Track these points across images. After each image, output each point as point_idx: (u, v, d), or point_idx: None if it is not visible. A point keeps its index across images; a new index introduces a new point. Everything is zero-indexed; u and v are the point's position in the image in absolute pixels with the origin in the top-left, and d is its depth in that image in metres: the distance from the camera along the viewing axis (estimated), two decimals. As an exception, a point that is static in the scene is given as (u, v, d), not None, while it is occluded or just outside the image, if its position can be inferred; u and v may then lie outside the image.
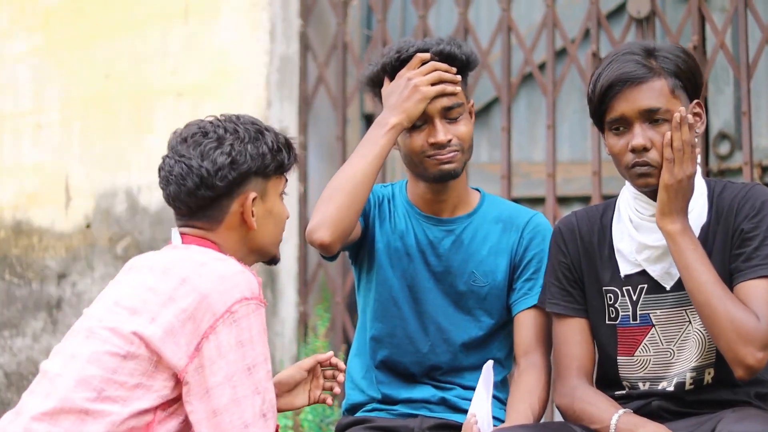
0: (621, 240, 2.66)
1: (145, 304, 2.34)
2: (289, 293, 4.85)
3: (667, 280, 2.61)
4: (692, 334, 2.60)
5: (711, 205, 2.61)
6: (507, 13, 4.55)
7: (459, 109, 2.82)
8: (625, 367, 2.67)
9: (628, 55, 2.59)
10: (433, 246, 2.90)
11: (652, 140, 2.55)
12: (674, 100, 2.55)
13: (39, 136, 5.43)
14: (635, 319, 2.64)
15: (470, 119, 2.87)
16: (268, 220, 2.51)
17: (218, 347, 2.29)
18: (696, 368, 2.60)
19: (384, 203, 2.96)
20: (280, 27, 4.88)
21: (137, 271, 2.45)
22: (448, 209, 2.92)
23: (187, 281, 2.33)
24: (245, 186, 2.46)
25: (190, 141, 2.47)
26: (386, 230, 2.93)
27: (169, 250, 2.47)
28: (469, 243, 2.89)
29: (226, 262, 2.38)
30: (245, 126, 2.48)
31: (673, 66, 2.57)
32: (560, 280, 2.73)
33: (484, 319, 2.89)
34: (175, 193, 2.45)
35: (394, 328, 2.91)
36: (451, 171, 2.83)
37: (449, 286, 2.89)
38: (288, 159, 2.52)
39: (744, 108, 4.10)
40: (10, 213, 5.49)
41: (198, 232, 2.47)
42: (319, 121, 4.97)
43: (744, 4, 4.11)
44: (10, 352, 5.42)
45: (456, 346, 2.88)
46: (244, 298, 2.33)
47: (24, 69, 5.49)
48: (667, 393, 2.61)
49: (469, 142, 2.84)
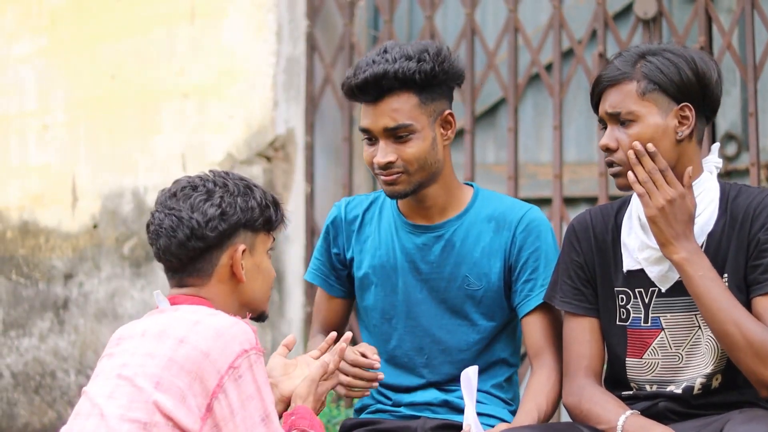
0: (628, 235, 2.66)
1: (145, 369, 2.34)
2: (296, 294, 4.85)
3: (664, 283, 2.61)
4: (703, 341, 2.59)
5: (725, 209, 2.60)
6: (514, 14, 4.55)
7: (405, 130, 2.74)
8: (633, 369, 2.66)
9: (620, 56, 2.62)
10: (423, 254, 2.85)
11: (618, 140, 2.57)
12: (644, 103, 2.56)
13: (45, 137, 5.43)
14: (646, 322, 2.64)
15: (427, 137, 2.76)
16: (257, 275, 2.53)
17: (229, 406, 2.32)
18: (707, 375, 2.60)
19: (360, 220, 2.93)
20: (286, 28, 4.88)
21: (129, 341, 2.44)
22: (435, 213, 2.86)
23: (185, 341, 2.34)
24: (235, 238, 2.48)
25: (179, 195, 2.49)
26: (369, 249, 2.90)
27: (158, 315, 2.47)
28: (460, 246, 2.84)
29: (218, 317, 2.40)
30: (234, 181, 2.52)
31: (654, 69, 2.57)
32: (572, 278, 2.72)
33: (482, 322, 2.85)
34: (166, 245, 2.47)
35: (393, 349, 2.88)
36: (396, 193, 2.78)
37: (443, 293, 2.85)
38: (276, 216, 2.55)
39: (751, 109, 4.09)
40: (16, 213, 5.50)
41: (189, 290, 2.49)
42: (325, 121, 4.97)
43: (751, 5, 4.11)
44: (16, 352, 5.42)
45: (454, 355, 2.85)
46: (243, 350, 2.35)
47: (30, 70, 5.50)
48: (674, 395, 2.61)
49: (419, 162, 2.75)
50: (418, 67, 2.71)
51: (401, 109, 2.73)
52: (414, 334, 2.87)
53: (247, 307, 2.53)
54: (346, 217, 2.95)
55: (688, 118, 2.58)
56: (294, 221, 4.83)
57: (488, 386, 2.86)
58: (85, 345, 5.20)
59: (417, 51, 2.74)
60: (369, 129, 2.76)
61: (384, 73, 2.70)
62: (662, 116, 2.56)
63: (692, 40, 4.23)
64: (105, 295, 5.16)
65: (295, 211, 4.85)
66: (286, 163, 4.86)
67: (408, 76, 2.70)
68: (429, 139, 2.76)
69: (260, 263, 2.53)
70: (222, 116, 4.91)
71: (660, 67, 2.57)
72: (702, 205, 2.59)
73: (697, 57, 2.60)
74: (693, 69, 2.58)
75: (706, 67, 2.59)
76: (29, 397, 5.37)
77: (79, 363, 5.20)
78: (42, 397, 5.33)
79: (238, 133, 4.87)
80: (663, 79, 2.56)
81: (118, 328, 2.52)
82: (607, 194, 4.30)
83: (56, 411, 5.26)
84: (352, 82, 2.74)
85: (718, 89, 2.62)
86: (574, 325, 2.72)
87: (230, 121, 4.89)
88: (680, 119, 2.57)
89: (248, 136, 4.84)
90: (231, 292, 2.50)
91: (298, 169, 4.88)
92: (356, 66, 2.76)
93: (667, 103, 2.57)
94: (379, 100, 2.73)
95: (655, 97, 2.56)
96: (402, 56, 2.72)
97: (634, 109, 2.57)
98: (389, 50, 2.74)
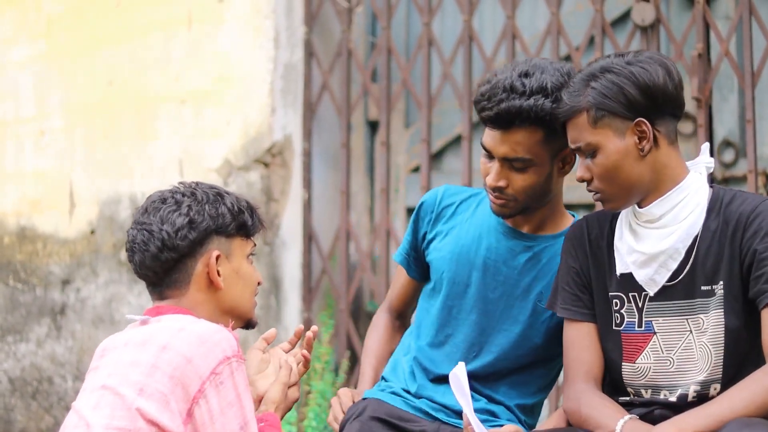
0: (620, 238, 2.68)
1: (128, 377, 2.36)
2: (293, 300, 4.85)
3: (651, 286, 2.62)
4: (696, 346, 2.60)
5: (718, 214, 2.60)
6: (511, 20, 4.55)
7: (524, 163, 2.74)
8: (628, 374, 2.67)
9: (568, 88, 2.62)
10: (509, 257, 2.87)
11: (591, 170, 2.60)
12: (599, 131, 2.57)
13: (42, 143, 5.43)
14: (640, 326, 2.64)
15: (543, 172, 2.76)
16: (236, 281, 2.55)
17: (210, 412, 2.34)
18: (702, 382, 2.60)
19: (455, 208, 2.95)
20: (284, 34, 4.88)
21: (112, 352, 2.46)
22: (531, 227, 2.88)
23: (169, 347, 2.36)
24: (207, 245, 2.51)
25: (150, 209, 2.52)
26: (453, 236, 2.92)
27: (141, 326, 2.49)
28: (546, 263, 2.86)
29: (201, 324, 2.42)
30: (203, 190, 2.55)
31: (598, 96, 2.57)
32: (570, 284, 2.73)
33: (537, 340, 2.86)
34: (141, 260, 2.50)
35: (447, 337, 2.90)
36: (502, 214, 2.82)
37: (515, 299, 2.86)
38: (251, 221, 2.56)
39: (748, 116, 4.09)
40: (14, 219, 5.49)
41: (170, 302, 2.51)
42: (323, 128, 4.96)
43: (749, 12, 4.11)
44: (14, 358, 5.42)
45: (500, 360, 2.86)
46: (225, 357, 2.37)
47: (27, 76, 5.49)
48: (669, 403, 2.61)
49: (528, 194, 2.76)
50: (552, 109, 2.69)
51: (525, 143, 2.72)
52: (472, 329, 2.88)
53: (231, 314, 2.55)
54: (441, 202, 2.96)
55: (645, 132, 2.58)
56: (291, 227, 4.83)
57: (513, 403, 2.88)
58: (82, 350, 5.19)
59: (554, 85, 2.70)
60: (489, 150, 2.76)
61: (518, 111, 2.68)
62: (620, 138, 2.57)
63: (690, 46, 4.23)
64: (102, 301, 5.15)
65: (292, 217, 4.85)
66: (284, 169, 4.85)
67: (540, 115, 2.69)
68: (545, 174, 2.78)
69: (239, 268, 2.55)
70: (219, 122, 4.91)
71: (603, 92, 2.56)
72: (688, 208, 2.60)
73: (639, 68, 2.57)
74: (636, 84, 2.56)
75: (649, 77, 2.56)
76: (26, 402, 5.36)
77: (76, 369, 5.20)
78: (39, 402, 5.32)
79: (235, 139, 4.86)
80: (609, 103, 2.56)
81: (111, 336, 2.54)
82: (605, 201, 4.30)
83: (53, 416, 5.25)
84: (485, 113, 2.72)
85: (672, 88, 2.58)
86: (573, 331, 2.73)
87: (227, 127, 4.89)
88: (639, 134, 2.58)
89: (245, 142, 4.84)
90: (210, 300, 2.52)
91: (295, 175, 4.87)
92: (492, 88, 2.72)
93: (620, 123, 2.57)
94: (507, 130, 2.72)
95: (607, 122, 2.57)
96: (540, 89, 2.69)
97: (591, 140, 2.58)
98: (530, 75, 2.71)
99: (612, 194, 2.61)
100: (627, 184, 2.59)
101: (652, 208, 2.61)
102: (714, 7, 4.37)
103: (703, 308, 2.59)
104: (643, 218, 2.63)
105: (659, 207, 2.61)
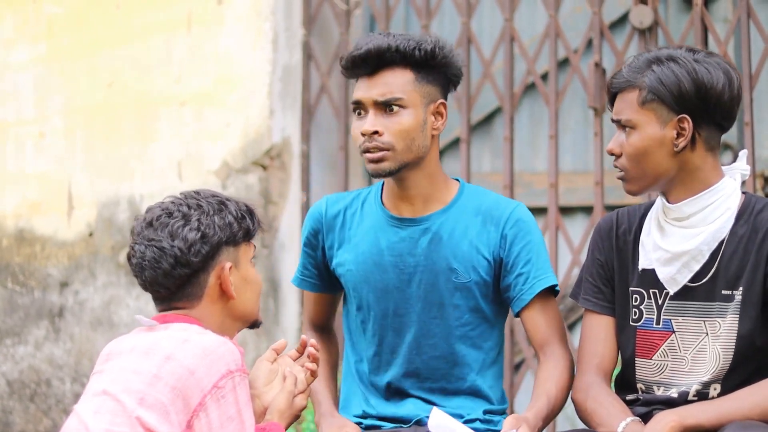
0: (647, 234, 2.68)
1: (130, 385, 2.36)
2: (291, 302, 4.84)
3: (672, 285, 2.63)
4: (709, 348, 2.61)
5: (747, 221, 2.60)
6: (510, 23, 4.55)
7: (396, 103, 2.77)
8: (642, 370, 2.68)
9: (631, 62, 2.65)
10: (410, 247, 2.84)
11: (621, 146, 2.62)
12: (643, 113, 2.59)
13: (42, 145, 5.43)
14: (658, 323, 2.65)
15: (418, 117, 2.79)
16: (246, 287, 2.54)
17: (209, 425, 2.34)
18: (705, 383, 2.61)
19: (342, 217, 2.92)
20: (283, 36, 4.89)
21: (117, 357, 2.45)
22: (419, 203, 2.85)
23: (172, 358, 2.36)
24: (218, 257, 2.48)
25: (156, 224, 2.48)
26: (351, 248, 2.89)
27: (148, 332, 2.47)
28: (448, 238, 2.83)
29: (207, 336, 2.41)
30: (207, 199, 2.52)
31: (655, 80, 2.58)
32: (594, 276, 2.75)
33: (467, 316, 2.83)
34: (152, 277, 2.47)
35: (377, 346, 2.87)
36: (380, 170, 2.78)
37: (430, 286, 2.83)
38: (253, 225, 2.55)
39: (747, 118, 4.09)
40: (12, 221, 5.50)
41: (179, 312, 2.49)
42: (321, 130, 4.97)
43: (747, 15, 4.11)
44: (12, 360, 5.42)
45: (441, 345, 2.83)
46: (229, 371, 2.37)
47: (27, 78, 5.50)
48: (669, 399, 2.62)
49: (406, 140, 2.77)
50: (418, 45, 2.78)
51: (395, 83, 2.78)
52: (405, 329, 2.84)
53: (241, 321, 2.55)
54: (326, 213, 2.94)
55: (685, 130, 2.58)
56: (289, 230, 4.83)
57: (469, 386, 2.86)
58: (80, 353, 5.19)
59: (420, 35, 2.85)
60: (360, 100, 2.80)
61: (387, 47, 2.77)
62: (660, 126, 2.58)
63: (688, 49, 4.23)
64: (100, 303, 5.15)
65: (290, 219, 4.85)
66: (282, 171, 4.86)
67: (408, 51, 2.77)
68: (419, 119, 2.79)
69: (247, 275, 2.54)
70: (219, 124, 4.92)
71: (661, 78, 2.57)
72: (718, 211, 2.60)
73: (702, 68, 2.57)
74: (694, 80, 2.56)
75: (709, 78, 2.56)
76: (24, 405, 5.36)
77: (75, 371, 5.19)
78: (37, 405, 5.32)
79: (234, 141, 4.87)
80: (662, 90, 2.57)
81: (113, 337, 2.54)
82: (603, 204, 4.31)
83: (51, 419, 5.25)
84: (354, 53, 2.80)
85: (728, 98, 2.58)
86: (591, 322, 2.75)
87: (227, 129, 4.89)
88: (679, 130, 2.58)
89: (244, 144, 4.84)
90: (222, 310, 2.51)
91: (293, 177, 4.87)
92: (358, 41, 2.85)
93: (666, 113, 2.58)
94: (376, 72, 2.79)
95: (654, 107, 2.58)
96: (407, 36, 2.82)
97: (633, 117, 2.59)
98: (391, 32, 2.86)
99: (634, 176, 2.62)
100: (652, 172, 2.60)
101: (683, 206, 2.61)
102: (712, 9, 4.38)
103: (721, 313, 2.59)
104: (671, 215, 2.63)
105: (690, 206, 2.60)
